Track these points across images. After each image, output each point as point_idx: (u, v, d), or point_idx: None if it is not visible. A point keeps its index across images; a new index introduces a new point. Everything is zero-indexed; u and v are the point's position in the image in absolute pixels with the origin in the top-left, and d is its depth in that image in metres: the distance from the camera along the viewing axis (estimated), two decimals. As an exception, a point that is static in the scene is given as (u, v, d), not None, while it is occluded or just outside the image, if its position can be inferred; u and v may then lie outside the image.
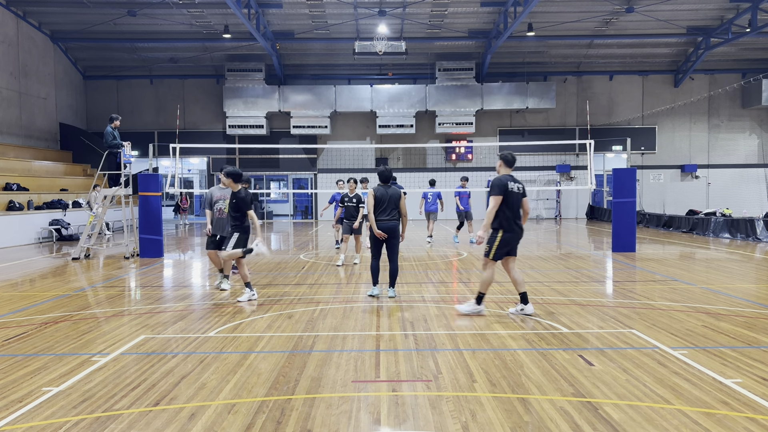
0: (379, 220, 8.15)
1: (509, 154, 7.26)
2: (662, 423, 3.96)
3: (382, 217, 8.15)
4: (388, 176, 8.33)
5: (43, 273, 11.66)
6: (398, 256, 8.43)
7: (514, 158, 7.26)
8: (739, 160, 28.48)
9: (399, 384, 4.78)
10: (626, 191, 14.35)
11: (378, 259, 8.43)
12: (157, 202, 13.86)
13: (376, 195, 8.20)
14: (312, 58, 27.37)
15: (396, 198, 8.21)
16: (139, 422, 4.04)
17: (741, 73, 27.64)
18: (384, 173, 8.32)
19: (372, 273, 8.49)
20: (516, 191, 7.07)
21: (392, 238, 8.20)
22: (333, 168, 27.66)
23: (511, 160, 7.23)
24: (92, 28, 23.46)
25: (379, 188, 8.29)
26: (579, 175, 27.99)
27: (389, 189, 8.28)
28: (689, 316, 7.13)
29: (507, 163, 7.21)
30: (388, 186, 8.34)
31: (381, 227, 8.13)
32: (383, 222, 8.15)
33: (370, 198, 8.23)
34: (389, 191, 8.24)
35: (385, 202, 8.16)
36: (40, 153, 23.25)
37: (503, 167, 7.20)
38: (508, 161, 7.21)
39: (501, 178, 7.08)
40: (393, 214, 8.18)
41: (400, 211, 8.27)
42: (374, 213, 8.19)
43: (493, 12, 23.02)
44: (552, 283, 9.64)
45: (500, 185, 6.99)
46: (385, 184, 8.33)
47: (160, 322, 7.01)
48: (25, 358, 5.57)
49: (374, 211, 8.19)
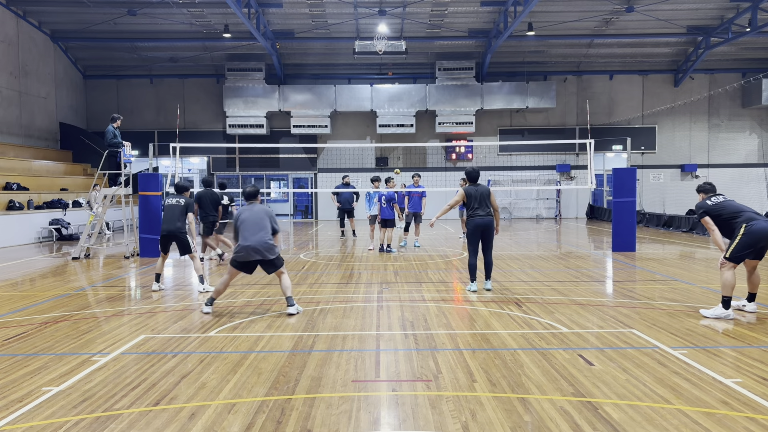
0: (476, 216, 8.66)
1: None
2: (662, 423, 3.96)
3: (479, 213, 8.67)
4: (476, 176, 8.95)
5: (43, 272, 11.66)
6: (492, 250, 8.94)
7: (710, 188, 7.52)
8: (739, 159, 28.48)
9: (399, 384, 4.78)
10: (626, 191, 14.35)
11: (476, 256, 8.81)
12: (157, 202, 13.85)
13: (467, 193, 8.74)
14: (312, 58, 27.36)
15: (486, 194, 8.74)
16: (139, 422, 4.04)
17: (741, 73, 27.62)
18: (472, 173, 8.95)
19: (471, 270, 8.84)
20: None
21: (488, 233, 8.71)
22: (333, 167, 27.66)
23: (708, 189, 7.48)
24: (92, 28, 23.45)
25: (469, 187, 8.84)
26: (579, 175, 27.98)
27: (479, 187, 8.82)
28: (689, 315, 7.14)
29: (705, 193, 7.44)
30: (477, 184, 8.89)
31: (478, 222, 8.63)
32: (480, 217, 8.66)
33: (458, 196, 8.77)
34: (479, 189, 8.78)
35: (477, 199, 8.69)
36: (40, 152, 23.24)
37: (703, 197, 7.40)
38: (706, 191, 7.47)
39: (699, 203, 7.36)
40: (487, 210, 8.68)
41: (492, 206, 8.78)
42: (468, 210, 8.77)
43: (493, 11, 23.01)
44: (552, 283, 9.65)
45: (699, 208, 7.30)
46: (474, 183, 8.91)
47: (160, 322, 7.02)
48: (25, 358, 5.57)
49: (468, 208, 8.77)
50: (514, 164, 27.47)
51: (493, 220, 8.70)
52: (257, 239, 7.39)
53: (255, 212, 7.61)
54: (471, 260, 8.83)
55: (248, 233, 7.46)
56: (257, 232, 7.46)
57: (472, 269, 8.85)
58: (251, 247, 7.38)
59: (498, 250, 14.19)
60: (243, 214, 7.66)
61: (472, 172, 8.97)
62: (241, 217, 7.63)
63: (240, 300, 8.39)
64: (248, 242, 7.40)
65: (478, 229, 8.67)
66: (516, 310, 7.50)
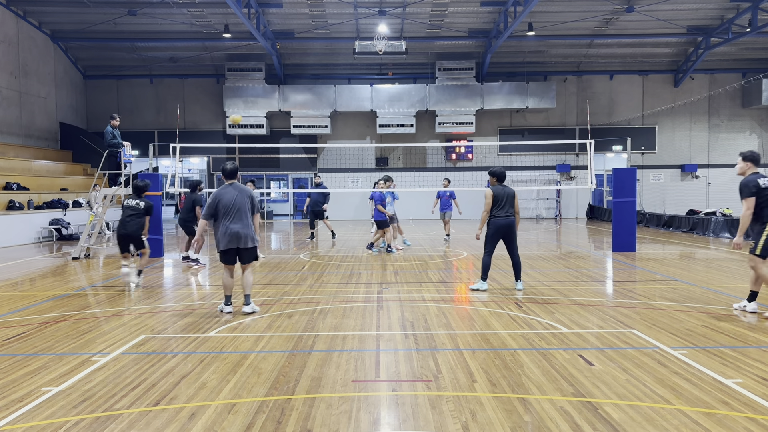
0: (499, 216, 8.65)
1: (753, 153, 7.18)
2: (662, 423, 3.96)
3: (501, 214, 8.65)
4: (505, 176, 8.94)
5: (43, 272, 11.66)
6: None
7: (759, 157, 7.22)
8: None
9: (399, 384, 4.78)
10: (626, 191, 14.35)
11: (491, 256, 8.87)
12: (157, 202, 13.85)
13: (495, 194, 8.66)
14: (312, 58, 27.36)
15: (512, 196, 8.74)
16: (139, 422, 4.04)
17: (741, 73, 27.62)
18: (503, 174, 8.92)
19: (485, 269, 8.85)
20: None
21: (511, 233, 8.71)
22: (333, 168, 27.66)
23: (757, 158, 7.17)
24: (92, 28, 23.45)
25: (497, 187, 8.78)
26: (579, 175, 27.97)
27: (506, 188, 8.80)
28: (689, 315, 7.14)
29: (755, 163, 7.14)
30: (504, 185, 8.87)
31: (502, 223, 8.65)
32: (503, 218, 8.66)
33: (489, 198, 8.66)
34: (506, 190, 8.76)
35: (503, 200, 8.66)
36: (40, 152, 23.24)
37: (751, 167, 7.13)
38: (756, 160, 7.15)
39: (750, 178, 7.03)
40: (510, 211, 8.68)
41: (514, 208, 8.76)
42: (493, 209, 8.67)
43: (493, 12, 23.01)
44: (552, 283, 9.64)
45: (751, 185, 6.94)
46: (502, 183, 8.88)
47: (160, 322, 7.02)
48: (25, 358, 5.57)
49: (491, 209, 8.67)
50: (514, 164, 27.46)
51: (515, 220, 8.73)
52: (240, 226, 7.05)
53: (235, 194, 7.14)
54: (487, 260, 8.84)
55: (229, 218, 7.05)
56: (241, 217, 7.06)
57: (487, 268, 8.85)
58: (232, 233, 7.04)
59: (499, 250, 14.16)
60: (223, 196, 7.13)
61: (502, 173, 8.91)
62: (222, 200, 7.09)
63: (240, 300, 8.38)
64: (229, 229, 7.03)
65: (501, 230, 8.67)
66: (516, 311, 7.50)
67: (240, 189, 7.26)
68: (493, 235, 8.73)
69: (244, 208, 7.16)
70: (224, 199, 7.13)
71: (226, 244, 7.13)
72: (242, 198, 7.18)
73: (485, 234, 8.89)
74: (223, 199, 7.13)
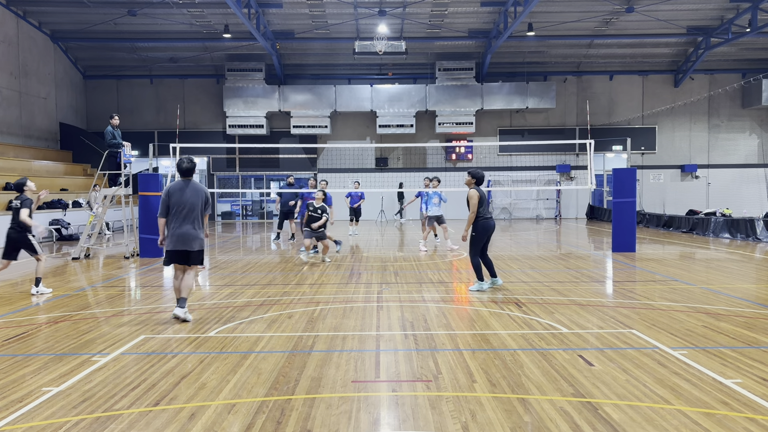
0: (488, 218, 8.85)
1: None
2: (662, 423, 3.96)
3: (487, 215, 8.86)
4: (483, 179, 9.05)
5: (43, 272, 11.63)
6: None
7: None
8: (739, 160, 28.47)
9: (399, 384, 4.78)
10: (626, 191, 14.35)
11: (478, 255, 8.95)
12: (157, 202, 13.83)
13: (481, 195, 8.81)
14: (312, 58, 27.37)
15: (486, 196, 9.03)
16: (139, 422, 4.04)
17: (741, 73, 27.62)
18: (482, 177, 9.02)
19: (479, 269, 8.91)
20: None
21: (492, 234, 8.95)
22: (333, 168, 27.66)
23: None
24: (92, 28, 23.45)
25: (480, 189, 8.92)
26: (579, 175, 27.98)
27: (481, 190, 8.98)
28: (689, 316, 7.14)
29: None
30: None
31: (492, 224, 8.88)
32: (492, 219, 8.94)
33: (476, 198, 8.71)
34: (483, 192, 8.95)
35: (485, 200, 8.90)
36: (40, 153, 23.24)
37: None
38: None
39: None
40: (491, 212, 8.88)
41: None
42: (479, 210, 8.75)
43: (493, 12, 23.01)
44: (552, 283, 9.65)
45: None
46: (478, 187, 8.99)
47: (160, 322, 7.01)
48: (25, 358, 5.57)
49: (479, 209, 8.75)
50: (514, 164, 27.47)
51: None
52: (189, 227, 6.79)
53: (188, 193, 6.83)
54: (477, 261, 8.91)
55: (179, 218, 6.78)
56: (191, 219, 6.79)
57: (479, 268, 8.92)
58: (180, 234, 6.78)
59: (498, 251, 14.20)
60: (175, 194, 6.79)
61: (482, 176, 9.03)
62: (173, 197, 6.78)
63: (240, 300, 8.39)
64: (178, 230, 6.77)
65: (489, 231, 8.85)
66: (516, 311, 7.50)
67: (194, 188, 6.91)
68: (482, 236, 8.87)
69: (196, 209, 6.87)
70: (175, 196, 6.83)
71: (173, 245, 6.86)
72: (195, 198, 6.87)
73: (471, 235, 8.86)
74: (174, 196, 6.83)
